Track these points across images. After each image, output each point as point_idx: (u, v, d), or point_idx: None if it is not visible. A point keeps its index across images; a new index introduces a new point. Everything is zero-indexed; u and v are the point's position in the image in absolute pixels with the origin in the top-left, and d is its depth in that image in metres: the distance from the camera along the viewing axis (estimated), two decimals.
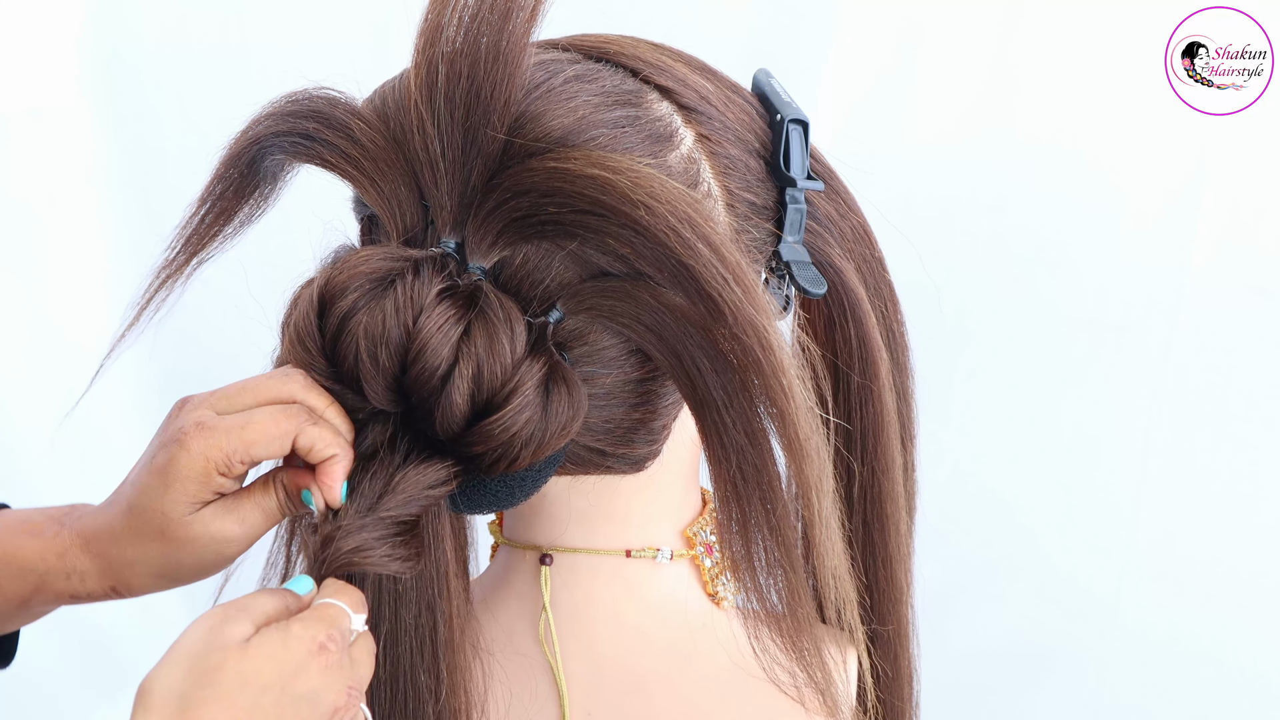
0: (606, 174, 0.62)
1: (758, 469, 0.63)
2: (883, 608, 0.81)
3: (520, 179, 0.63)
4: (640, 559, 0.74)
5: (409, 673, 0.68)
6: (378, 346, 0.62)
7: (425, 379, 0.62)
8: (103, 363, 0.76)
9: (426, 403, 0.63)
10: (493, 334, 0.62)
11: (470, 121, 0.63)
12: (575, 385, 0.65)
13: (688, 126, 0.70)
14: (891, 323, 0.79)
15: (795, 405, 0.62)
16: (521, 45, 0.63)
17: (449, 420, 0.63)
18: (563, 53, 0.71)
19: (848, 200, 0.77)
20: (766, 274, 0.73)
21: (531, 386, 0.63)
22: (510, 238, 0.64)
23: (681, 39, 0.76)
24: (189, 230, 0.72)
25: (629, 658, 0.74)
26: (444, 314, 0.62)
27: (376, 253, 0.64)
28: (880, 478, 0.79)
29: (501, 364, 0.62)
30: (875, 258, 0.78)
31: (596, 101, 0.66)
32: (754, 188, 0.71)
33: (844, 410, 0.78)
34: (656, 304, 0.63)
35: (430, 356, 0.62)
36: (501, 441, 0.63)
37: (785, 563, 0.65)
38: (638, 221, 0.61)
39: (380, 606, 0.67)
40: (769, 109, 0.74)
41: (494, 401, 0.63)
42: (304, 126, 0.67)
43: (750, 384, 0.62)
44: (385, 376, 0.63)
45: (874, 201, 0.79)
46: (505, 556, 0.78)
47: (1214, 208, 1.33)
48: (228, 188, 0.71)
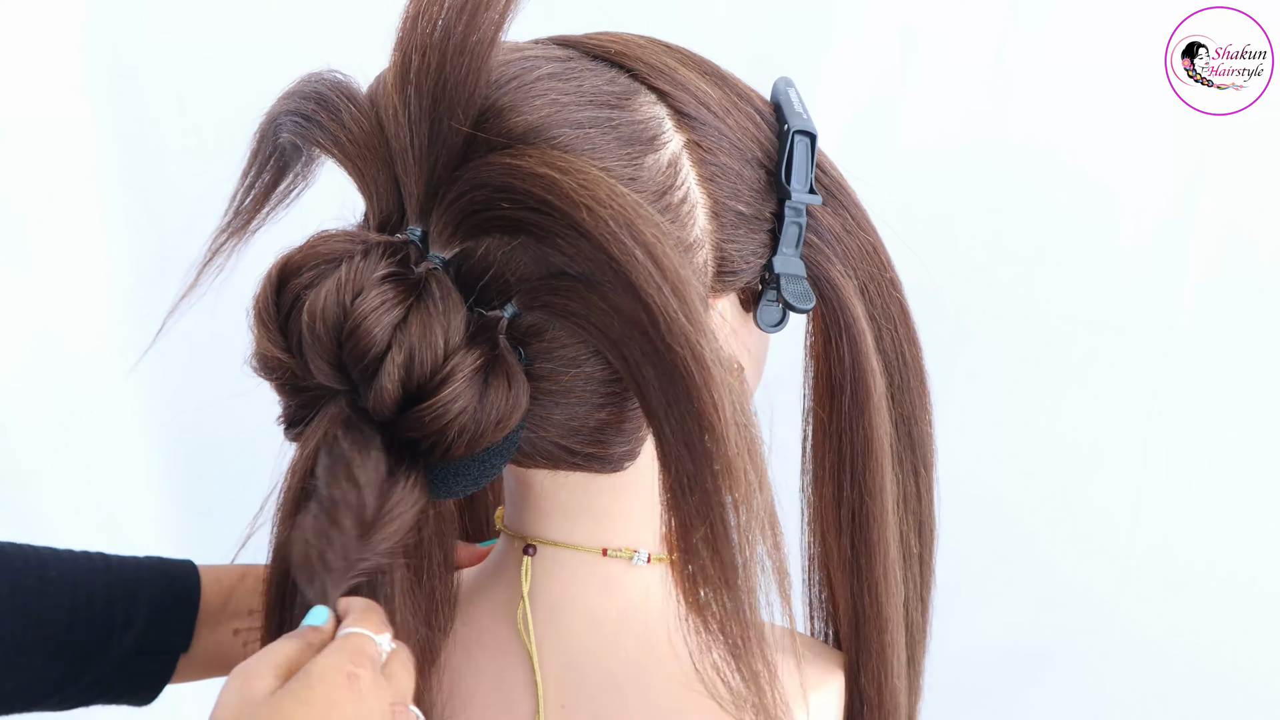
0: (554, 174, 0.62)
1: (694, 481, 0.63)
2: (867, 633, 0.80)
3: (479, 173, 0.64)
4: (617, 559, 0.74)
5: None
6: (316, 321, 0.63)
7: (358, 358, 0.63)
8: (148, 347, 0.78)
9: (363, 382, 0.64)
10: (427, 321, 0.63)
11: (437, 112, 0.64)
12: (517, 379, 0.65)
13: (679, 131, 0.70)
14: (902, 346, 0.79)
15: (724, 421, 0.61)
16: (490, 39, 0.63)
17: (380, 402, 0.63)
18: (558, 49, 0.71)
19: (857, 217, 0.77)
20: (760, 286, 0.73)
21: (464, 376, 0.63)
22: (469, 230, 0.65)
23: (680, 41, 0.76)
24: (232, 209, 0.74)
25: (603, 655, 0.74)
26: (382, 296, 0.63)
27: (337, 235, 0.66)
28: (868, 501, 0.78)
29: (434, 351, 0.63)
30: (886, 279, 0.77)
31: (568, 101, 0.67)
32: (746, 197, 0.71)
33: (836, 430, 0.77)
34: (605, 306, 0.63)
35: (363, 336, 0.62)
36: (434, 429, 0.63)
37: (720, 580, 0.64)
38: (579, 223, 0.62)
39: None
40: (779, 119, 0.74)
41: (426, 388, 0.63)
42: (305, 107, 0.69)
43: (684, 394, 0.62)
44: (325, 352, 0.63)
45: (873, 204, 0.79)
46: (503, 543, 0.79)
47: (1214, 208, 1.32)
48: (261, 165, 0.73)
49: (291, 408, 0.68)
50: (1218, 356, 1.35)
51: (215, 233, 0.75)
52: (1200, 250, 1.33)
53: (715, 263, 0.70)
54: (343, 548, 0.61)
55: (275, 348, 0.65)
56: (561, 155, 0.64)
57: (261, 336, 0.66)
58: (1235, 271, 1.33)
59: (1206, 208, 1.33)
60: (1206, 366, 1.35)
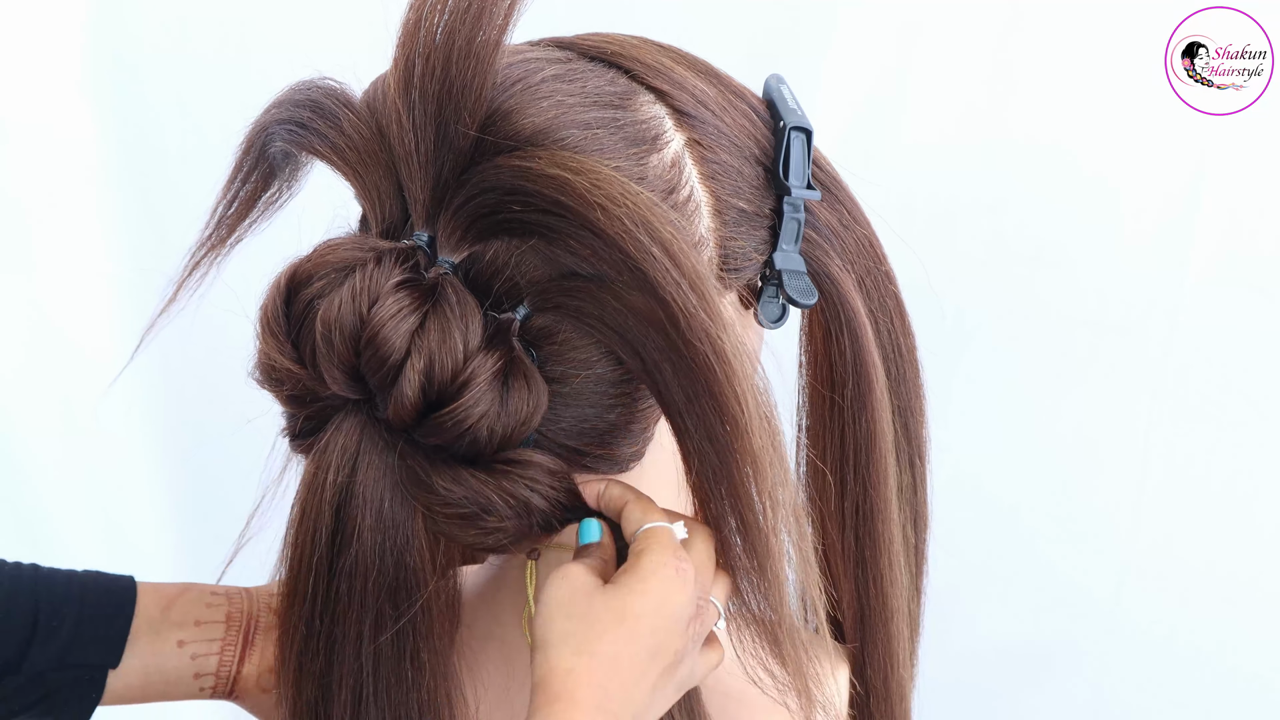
0: (566, 174, 0.62)
1: (720, 473, 0.64)
2: (873, 625, 0.81)
3: (487, 176, 0.64)
4: None
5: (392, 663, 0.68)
6: (332, 331, 0.63)
7: (377, 366, 0.63)
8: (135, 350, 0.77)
9: (382, 391, 0.63)
10: (446, 326, 0.63)
11: (442, 116, 0.64)
12: (535, 380, 0.65)
13: (679, 130, 0.70)
14: (898, 338, 0.79)
15: (748, 414, 0.62)
16: (495, 43, 0.63)
17: (401, 409, 0.63)
18: (557, 51, 0.71)
19: (853, 212, 0.77)
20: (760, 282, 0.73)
21: (484, 380, 0.63)
22: (478, 234, 0.65)
23: (681, 41, 0.76)
24: (213, 221, 0.73)
25: None
26: (399, 303, 0.62)
27: (346, 242, 0.65)
28: (872, 494, 0.78)
29: (453, 356, 0.62)
30: (882, 271, 0.77)
31: (573, 102, 0.67)
32: (746, 194, 0.71)
33: (839, 424, 0.77)
34: (619, 306, 0.63)
35: (382, 344, 0.62)
36: (455, 434, 0.63)
37: (757, 570, 0.65)
38: (594, 223, 0.61)
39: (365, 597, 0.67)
40: (774, 116, 0.74)
41: (446, 393, 0.63)
42: (300, 115, 0.68)
43: (705, 390, 0.62)
44: (341, 362, 0.63)
45: (873, 204, 0.79)
46: None
47: (1214, 208, 1.32)
48: (245, 175, 0.73)
49: (299, 419, 0.68)
50: (1218, 356, 1.35)
51: (195, 245, 0.74)
52: (1200, 250, 1.33)
53: (719, 260, 0.70)
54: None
55: (286, 359, 0.65)
56: (572, 155, 0.63)
57: (270, 348, 0.65)
58: (1235, 271, 1.33)
59: (1206, 208, 1.32)
60: (1206, 366, 1.35)
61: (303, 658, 0.69)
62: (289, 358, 0.65)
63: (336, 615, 0.67)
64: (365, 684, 0.68)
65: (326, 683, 0.68)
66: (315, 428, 0.67)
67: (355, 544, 0.66)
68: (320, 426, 0.66)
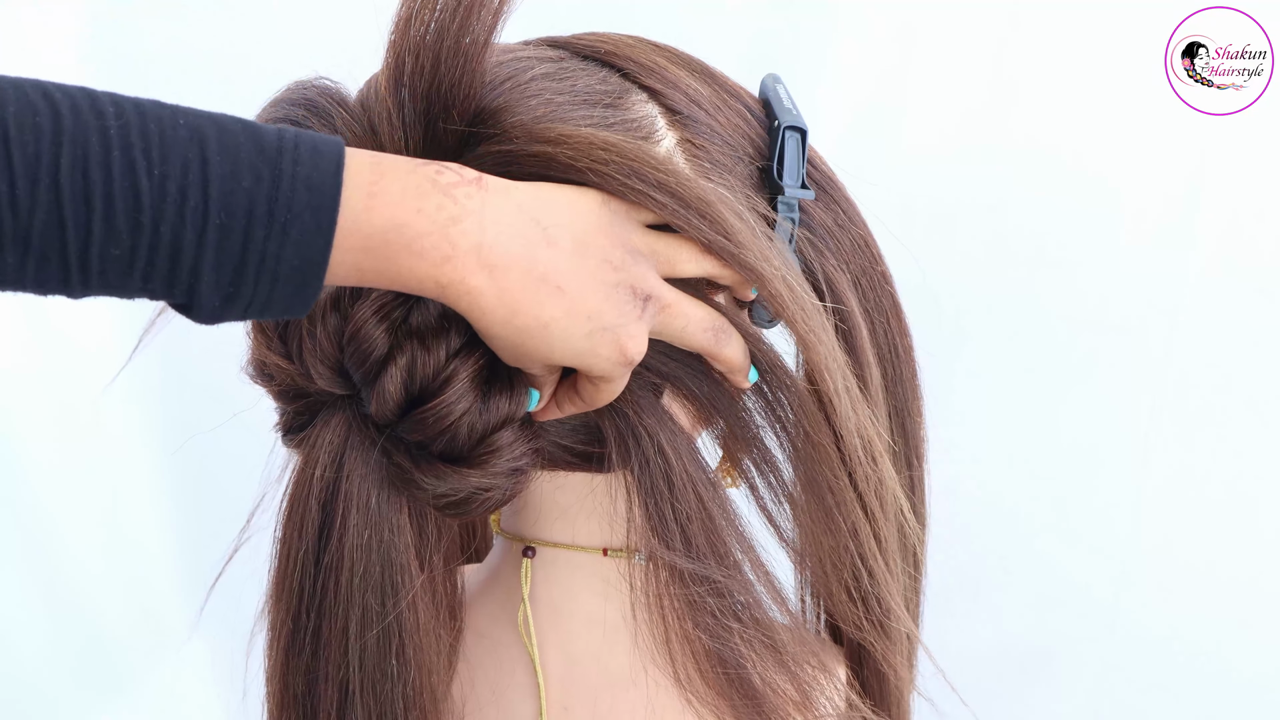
0: (548, 149, 0.62)
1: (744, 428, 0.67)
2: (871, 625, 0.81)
3: (471, 168, 0.64)
4: (618, 558, 0.74)
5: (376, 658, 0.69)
6: (316, 326, 0.63)
7: (360, 361, 0.63)
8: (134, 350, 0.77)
9: (365, 386, 0.64)
10: (428, 322, 0.63)
11: (431, 114, 0.64)
12: (518, 378, 0.65)
13: (671, 129, 0.70)
14: (894, 338, 0.79)
15: (772, 270, 0.65)
16: (483, 41, 0.63)
17: (383, 405, 0.63)
18: (550, 50, 0.71)
19: (849, 211, 0.77)
20: None
21: (466, 377, 0.63)
22: None
23: (680, 43, 0.76)
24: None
25: (604, 656, 0.74)
26: (382, 299, 0.63)
27: None
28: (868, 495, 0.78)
29: (435, 353, 0.63)
30: (877, 272, 0.77)
31: (562, 100, 0.67)
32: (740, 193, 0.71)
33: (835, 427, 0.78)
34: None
35: (364, 340, 0.63)
36: (436, 430, 0.63)
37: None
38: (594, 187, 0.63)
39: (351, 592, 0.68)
40: (769, 115, 0.74)
41: (428, 389, 0.63)
42: (295, 114, 0.69)
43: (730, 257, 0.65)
44: (326, 357, 0.64)
45: (873, 204, 0.79)
46: (499, 546, 0.79)
47: (1214, 208, 1.32)
48: None
49: (290, 414, 0.68)
50: (1218, 357, 1.35)
51: None
52: (1200, 250, 1.33)
53: None
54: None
55: (275, 354, 0.65)
56: (548, 128, 0.64)
57: (260, 343, 0.66)
58: (1235, 271, 1.33)
59: (1206, 208, 1.32)
60: (1207, 367, 1.35)
61: (289, 653, 0.69)
62: (277, 353, 0.65)
63: (323, 610, 0.67)
64: (351, 679, 0.68)
65: (313, 678, 0.68)
66: (305, 423, 0.67)
67: (342, 539, 0.66)
68: (309, 421, 0.67)
